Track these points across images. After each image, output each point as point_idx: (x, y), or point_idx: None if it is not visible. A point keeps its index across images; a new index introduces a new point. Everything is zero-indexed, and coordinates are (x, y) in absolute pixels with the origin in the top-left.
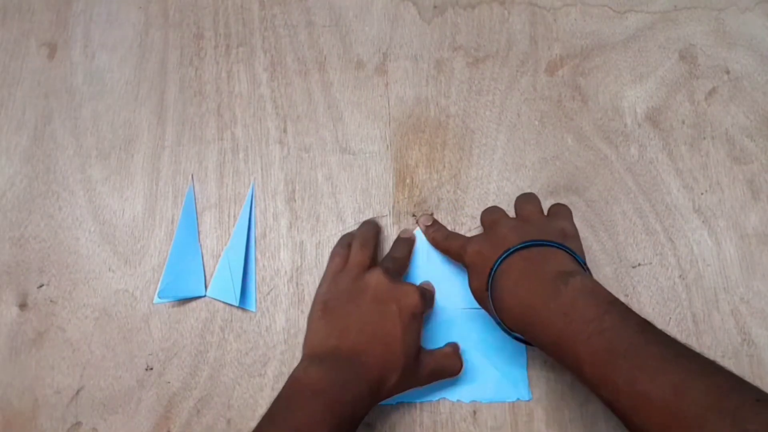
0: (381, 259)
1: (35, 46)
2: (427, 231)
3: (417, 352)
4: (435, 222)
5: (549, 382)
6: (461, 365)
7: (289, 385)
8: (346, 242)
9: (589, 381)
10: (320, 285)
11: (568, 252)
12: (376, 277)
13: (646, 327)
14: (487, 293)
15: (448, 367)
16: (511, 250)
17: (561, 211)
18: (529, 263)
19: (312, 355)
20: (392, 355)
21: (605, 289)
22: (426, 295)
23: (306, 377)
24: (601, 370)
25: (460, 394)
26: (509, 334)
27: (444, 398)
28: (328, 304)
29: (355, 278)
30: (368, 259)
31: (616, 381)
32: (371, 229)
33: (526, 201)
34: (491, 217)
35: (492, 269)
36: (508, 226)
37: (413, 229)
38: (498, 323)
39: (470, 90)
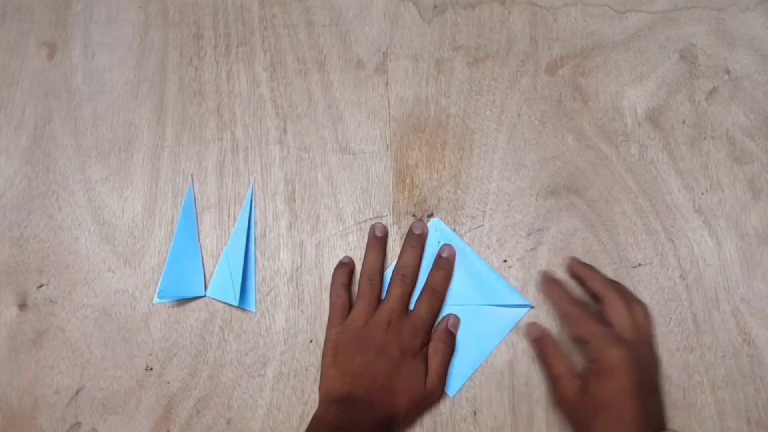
0: (391, 278)
1: (35, 46)
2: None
3: (421, 383)
4: (543, 334)
5: (549, 382)
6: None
7: (312, 425)
8: (341, 282)
9: None
10: (329, 327)
11: None
12: (380, 325)
13: None
14: None
15: (447, 359)
16: None
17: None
18: None
19: (329, 399)
20: (396, 397)
21: None
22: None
23: (327, 416)
24: None
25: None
26: None
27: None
28: (338, 351)
29: (362, 327)
30: (375, 302)
31: None
32: (377, 259)
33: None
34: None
35: None
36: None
37: (425, 226)
38: None
39: (470, 90)
